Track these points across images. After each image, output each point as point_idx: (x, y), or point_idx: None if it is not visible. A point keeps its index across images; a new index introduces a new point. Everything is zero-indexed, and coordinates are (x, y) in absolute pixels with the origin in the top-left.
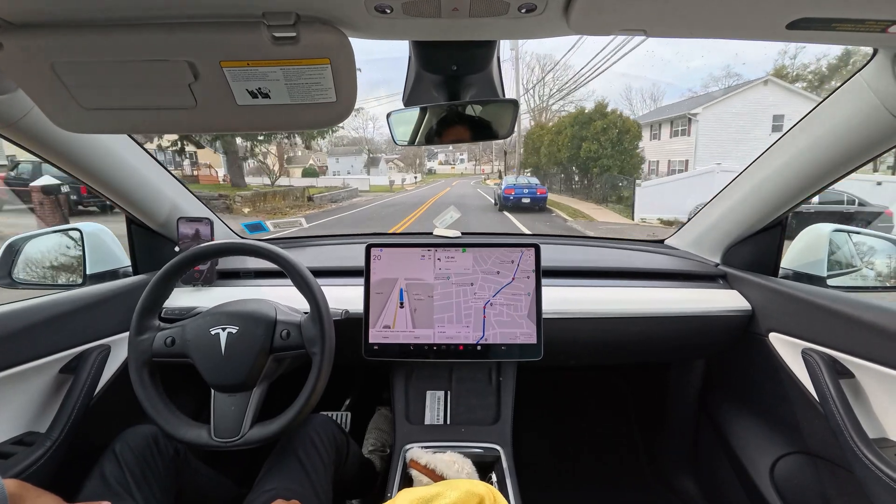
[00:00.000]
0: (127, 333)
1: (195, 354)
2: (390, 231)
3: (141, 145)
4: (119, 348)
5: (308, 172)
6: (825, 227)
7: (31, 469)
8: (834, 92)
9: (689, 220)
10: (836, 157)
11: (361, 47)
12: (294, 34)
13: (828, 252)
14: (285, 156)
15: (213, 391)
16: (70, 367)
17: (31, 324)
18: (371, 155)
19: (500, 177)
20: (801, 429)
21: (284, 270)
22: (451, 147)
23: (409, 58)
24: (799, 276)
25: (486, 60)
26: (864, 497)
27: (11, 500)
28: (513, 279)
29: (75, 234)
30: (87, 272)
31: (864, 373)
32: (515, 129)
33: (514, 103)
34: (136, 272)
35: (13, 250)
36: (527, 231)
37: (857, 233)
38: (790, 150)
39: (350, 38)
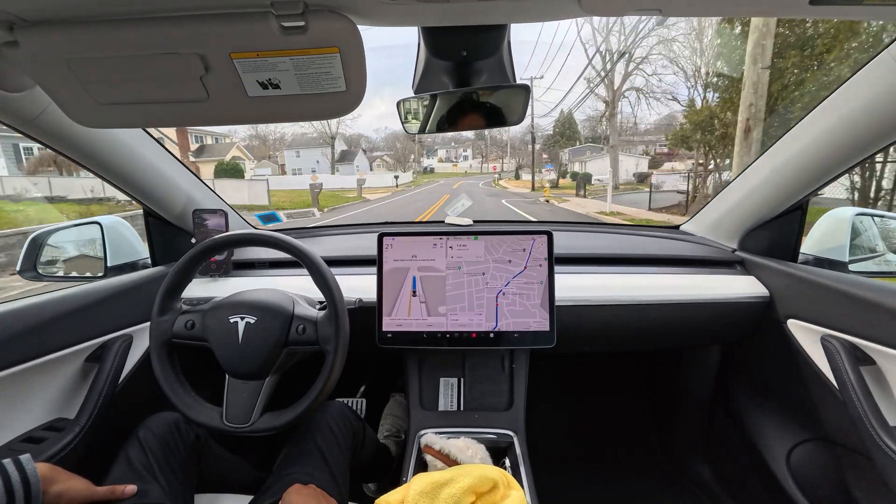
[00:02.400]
0: (147, 324)
1: (213, 340)
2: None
3: (155, 139)
4: (140, 338)
5: (226, 170)
6: (847, 211)
7: (62, 454)
8: (860, 69)
9: (706, 204)
10: (861, 137)
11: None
12: (303, 23)
13: (850, 236)
14: (192, 145)
15: (227, 377)
16: (95, 356)
17: (58, 315)
18: (346, 148)
19: (518, 176)
20: (818, 416)
21: (301, 261)
22: (452, 143)
23: (419, 44)
24: (819, 262)
25: (496, 45)
26: (883, 484)
27: (44, 483)
28: (525, 268)
29: (95, 228)
30: (108, 264)
31: (886, 360)
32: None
33: (526, 88)
34: (154, 264)
35: (37, 244)
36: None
37: (882, 216)
38: (813, 131)
39: (359, 26)
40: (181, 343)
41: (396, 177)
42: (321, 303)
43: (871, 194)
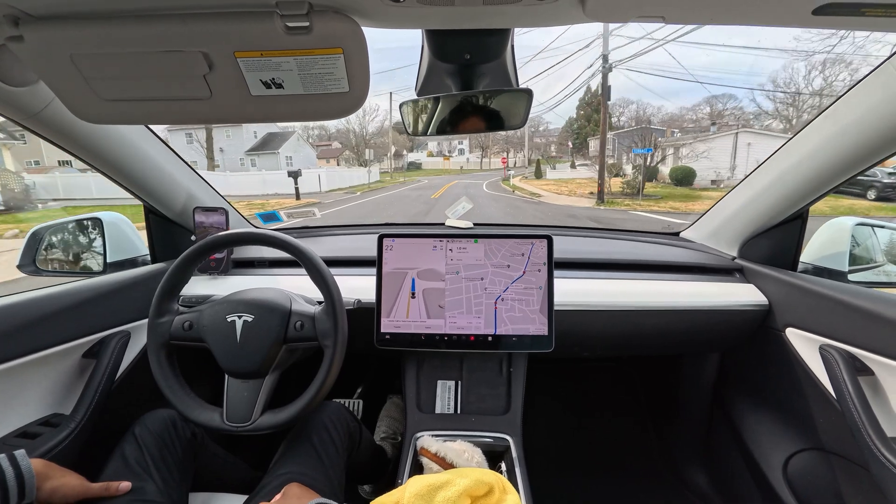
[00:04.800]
0: (146, 320)
1: (211, 340)
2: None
3: (157, 136)
4: (138, 334)
5: None
6: (848, 221)
7: (57, 449)
8: (861, 80)
9: (706, 212)
10: (862, 147)
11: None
12: (307, 24)
13: (850, 246)
14: None
15: (226, 376)
16: (92, 352)
17: (56, 310)
18: (276, 131)
19: (540, 173)
20: (816, 425)
21: (299, 261)
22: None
23: (422, 47)
24: (819, 271)
25: (499, 49)
26: (880, 495)
27: (38, 479)
28: (523, 273)
29: (96, 223)
30: (108, 260)
31: (884, 370)
32: None
33: (528, 93)
34: (154, 260)
35: (37, 239)
36: None
37: (882, 227)
38: (814, 141)
39: (363, 28)
40: (179, 344)
41: (294, 175)
42: (320, 302)
43: None
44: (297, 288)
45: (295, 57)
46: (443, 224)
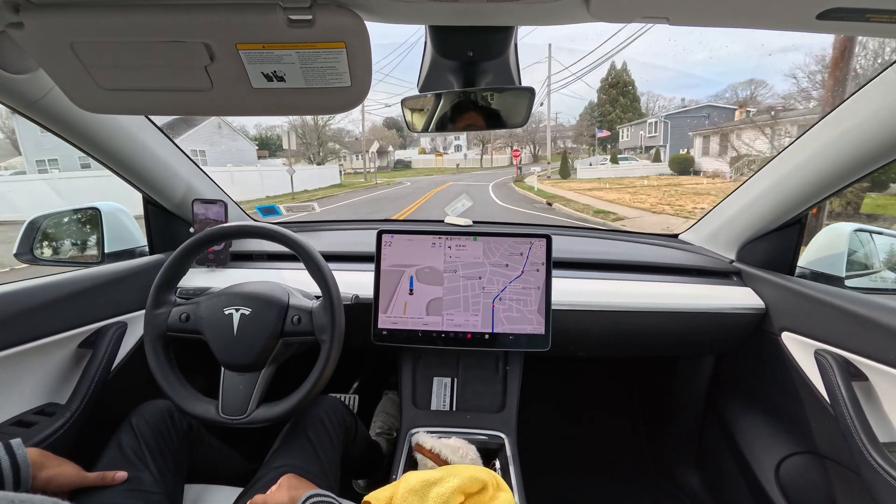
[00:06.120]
0: (143, 311)
1: (208, 332)
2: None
3: (157, 126)
4: (135, 325)
5: None
6: (846, 227)
7: (52, 438)
8: (863, 87)
9: (705, 215)
10: (862, 153)
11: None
12: (310, 17)
13: (847, 252)
14: None
15: (223, 369)
16: (89, 342)
17: (53, 299)
18: (187, 118)
19: (567, 171)
20: (809, 429)
21: (298, 255)
22: None
23: (425, 43)
24: (816, 276)
25: (503, 47)
26: (871, 500)
27: (34, 468)
28: (522, 272)
29: (94, 213)
30: (105, 250)
31: (878, 376)
32: None
33: (531, 91)
34: (152, 251)
35: (35, 228)
36: None
37: (880, 233)
38: (814, 146)
39: (366, 22)
40: (176, 336)
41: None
42: (318, 297)
43: None
44: (295, 282)
45: (297, 50)
46: (442, 221)
